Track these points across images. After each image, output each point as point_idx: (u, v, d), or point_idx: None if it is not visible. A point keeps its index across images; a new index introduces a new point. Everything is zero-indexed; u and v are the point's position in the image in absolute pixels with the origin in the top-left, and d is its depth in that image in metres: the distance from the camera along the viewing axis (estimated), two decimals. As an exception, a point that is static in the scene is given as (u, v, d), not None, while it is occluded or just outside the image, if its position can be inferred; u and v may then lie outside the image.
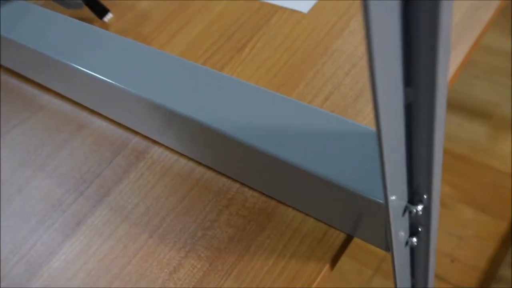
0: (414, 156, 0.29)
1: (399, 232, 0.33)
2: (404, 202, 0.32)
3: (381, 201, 0.34)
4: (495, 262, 1.08)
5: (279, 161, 0.37)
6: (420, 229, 0.37)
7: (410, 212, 0.32)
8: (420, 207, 0.32)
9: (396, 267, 0.36)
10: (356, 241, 0.41)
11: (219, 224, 0.43)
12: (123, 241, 0.44)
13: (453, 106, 1.32)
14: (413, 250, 0.40)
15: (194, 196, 0.45)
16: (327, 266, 0.39)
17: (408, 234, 0.36)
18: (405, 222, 0.34)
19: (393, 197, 0.28)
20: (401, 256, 0.37)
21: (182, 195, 0.45)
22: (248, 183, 0.44)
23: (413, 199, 0.33)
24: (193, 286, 0.40)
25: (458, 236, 1.15)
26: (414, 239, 0.36)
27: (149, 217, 0.45)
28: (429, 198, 0.32)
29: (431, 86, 0.23)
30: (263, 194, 0.44)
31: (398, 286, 0.39)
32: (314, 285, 0.38)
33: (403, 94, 0.24)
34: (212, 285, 0.40)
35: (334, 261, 0.39)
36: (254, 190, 0.44)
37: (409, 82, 0.24)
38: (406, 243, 0.37)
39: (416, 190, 0.32)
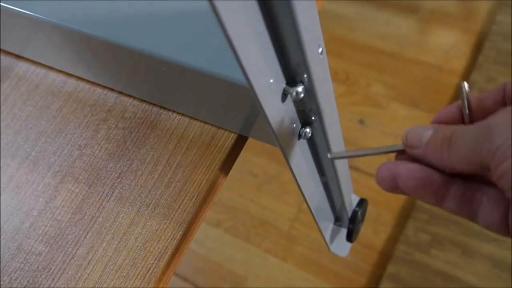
0: (277, 29, 0.24)
1: (283, 121, 0.28)
2: (281, 84, 0.27)
3: (241, 82, 0.29)
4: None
5: (142, 55, 0.32)
6: (313, 118, 0.32)
7: (292, 96, 0.27)
8: (300, 88, 0.27)
9: (292, 164, 0.32)
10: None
11: (97, 140, 0.38)
12: (-11, 173, 0.38)
13: (380, 2, 1.27)
14: (313, 143, 0.36)
15: (67, 112, 0.39)
16: (218, 172, 0.34)
17: (300, 125, 0.32)
18: (289, 109, 0.29)
19: (255, 77, 0.23)
20: (296, 150, 0.33)
21: (54, 114, 0.39)
22: (126, 90, 0.38)
23: (293, 81, 0.28)
24: (72, 212, 0.35)
25: (394, 135, 1.14)
26: (308, 130, 0.32)
27: (18, 143, 0.39)
28: (309, 76, 0.27)
29: None
30: (144, 101, 0.38)
31: (300, 184, 0.35)
32: (203, 193, 0.34)
33: None
34: (92, 209, 0.35)
35: (226, 166, 0.35)
36: (134, 97, 0.38)
37: None
38: (300, 135, 0.32)
39: (294, 69, 0.27)
